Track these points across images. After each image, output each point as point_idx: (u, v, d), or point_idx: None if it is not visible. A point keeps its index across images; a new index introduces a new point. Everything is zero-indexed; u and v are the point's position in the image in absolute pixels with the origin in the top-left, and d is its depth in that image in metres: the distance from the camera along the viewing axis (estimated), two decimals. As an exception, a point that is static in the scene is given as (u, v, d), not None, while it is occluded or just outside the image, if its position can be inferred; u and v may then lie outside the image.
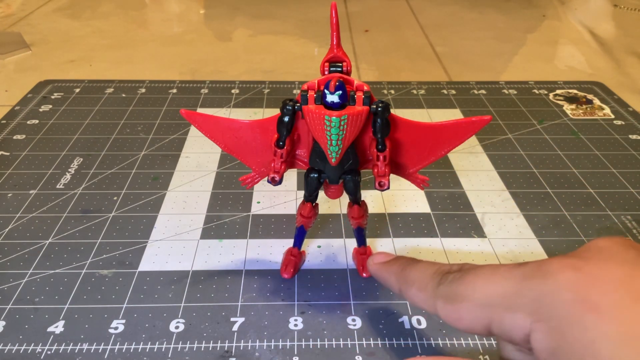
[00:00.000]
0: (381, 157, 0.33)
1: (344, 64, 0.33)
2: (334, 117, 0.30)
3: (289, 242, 0.40)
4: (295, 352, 0.34)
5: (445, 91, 0.69)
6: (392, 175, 0.34)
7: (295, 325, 0.36)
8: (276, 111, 0.33)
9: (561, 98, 0.67)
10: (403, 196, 0.48)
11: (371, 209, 0.43)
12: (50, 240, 0.43)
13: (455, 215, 0.46)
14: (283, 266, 0.40)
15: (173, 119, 0.61)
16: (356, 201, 0.37)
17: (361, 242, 0.40)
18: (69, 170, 0.52)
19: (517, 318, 0.21)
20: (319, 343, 0.34)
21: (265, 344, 0.34)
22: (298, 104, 0.32)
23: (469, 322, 0.23)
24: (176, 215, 0.46)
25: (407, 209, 0.47)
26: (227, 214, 0.46)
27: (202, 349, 0.34)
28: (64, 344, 0.34)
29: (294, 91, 0.69)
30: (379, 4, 1.07)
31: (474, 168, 0.53)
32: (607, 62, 0.80)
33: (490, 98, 0.67)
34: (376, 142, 0.33)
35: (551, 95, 0.68)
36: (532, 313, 0.21)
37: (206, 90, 0.68)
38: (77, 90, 0.68)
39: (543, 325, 0.20)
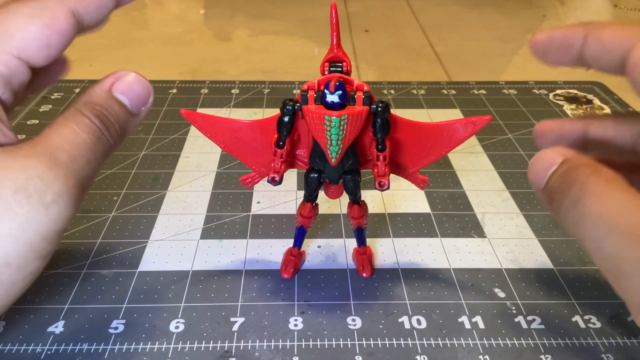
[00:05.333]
0: (381, 157, 0.33)
1: (344, 64, 0.33)
2: (334, 117, 0.30)
3: (289, 242, 0.40)
4: (295, 352, 0.34)
5: (445, 91, 0.69)
6: (392, 175, 0.34)
7: (295, 325, 0.36)
8: (276, 111, 0.33)
9: (561, 98, 0.67)
10: (403, 196, 0.48)
11: (371, 209, 0.43)
12: (50, 240, 0.43)
13: (455, 215, 0.46)
14: (283, 266, 0.40)
15: (173, 119, 0.61)
16: (356, 201, 0.37)
17: (361, 242, 0.40)
18: (69, 170, 0.52)
19: None
20: (319, 343, 0.34)
21: (265, 344, 0.34)
22: (298, 104, 0.32)
23: None
24: (176, 215, 0.46)
25: (407, 209, 0.47)
26: (227, 214, 0.46)
27: (202, 349, 0.34)
28: (64, 344, 0.34)
29: (294, 91, 0.69)
30: (379, 4, 1.07)
31: (474, 168, 0.53)
32: (607, 62, 0.80)
33: (490, 98, 0.67)
34: (376, 142, 0.33)
35: (551, 95, 0.68)
36: None
37: (206, 90, 0.68)
38: (77, 90, 0.68)
39: None
